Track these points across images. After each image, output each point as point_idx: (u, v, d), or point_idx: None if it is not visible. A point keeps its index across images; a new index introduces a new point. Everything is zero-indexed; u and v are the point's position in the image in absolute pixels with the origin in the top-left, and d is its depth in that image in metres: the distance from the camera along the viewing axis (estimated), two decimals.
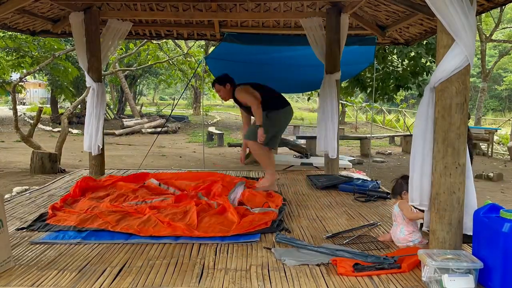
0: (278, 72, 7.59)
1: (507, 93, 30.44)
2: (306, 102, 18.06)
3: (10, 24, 5.90)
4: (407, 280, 2.52)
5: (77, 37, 5.64)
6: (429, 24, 5.52)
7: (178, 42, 20.39)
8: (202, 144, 11.73)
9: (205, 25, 6.60)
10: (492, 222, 2.41)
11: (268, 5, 5.88)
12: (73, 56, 14.24)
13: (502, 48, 25.00)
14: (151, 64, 15.89)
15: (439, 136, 2.71)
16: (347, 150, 13.23)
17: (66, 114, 9.75)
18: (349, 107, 23.97)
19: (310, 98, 12.76)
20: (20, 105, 27.11)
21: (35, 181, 7.00)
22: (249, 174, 6.05)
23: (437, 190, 2.73)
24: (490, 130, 13.47)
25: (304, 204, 4.35)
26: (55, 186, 5.13)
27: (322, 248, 2.91)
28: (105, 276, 2.52)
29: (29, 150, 8.42)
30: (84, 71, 5.74)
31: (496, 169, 10.03)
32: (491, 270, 2.38)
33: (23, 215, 3.78)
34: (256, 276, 2.55)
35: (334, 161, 5.77)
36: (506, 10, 21.20)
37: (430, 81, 2.78)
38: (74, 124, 16.96)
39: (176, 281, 2.47)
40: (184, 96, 31.03)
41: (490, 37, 16.15)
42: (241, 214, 3.70)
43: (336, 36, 5.57)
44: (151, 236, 3.21)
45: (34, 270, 2.59)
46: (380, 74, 9.79)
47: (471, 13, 2.58)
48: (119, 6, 5.87)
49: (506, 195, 7.54)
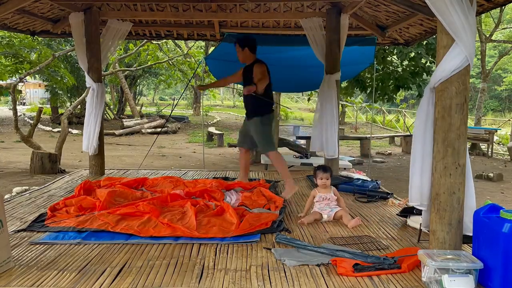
0: (278, 72, 7.56)
1: (507, 93, 30.44)
2: (306, 102, 18.05)
3: (10, 24, 5.91)
4: (407, 280, 2.52)
5: (77, 37, 5.64)
6: (429, 24, 5.52)
7: (178, 43, 20.40)
8: (202, 144, 11.73)
9: (205, 25, 6.61)
10: (492, 222, 2.41)
11: (268, 5, 5.88)
12: (73, 56, 14.24)
13: (502, 48, 25.01)
14: (151, 65, 15.89)
15: (439, 136, 2.71)
16: (347, 151, 13.22)
17: (66, 114, 9.74)
18: (349, 107, 23.96)
19: (310, 98, 12.73)
20: (20, 105, 27.11)
21: (35, 182, 7.00)
22: (249, 174, 6.04)
23: (437, 190, 2.73)
24: (490, 130, 13.46)
25: (304, 204, 4.34)
26: (55, 186, 5.13)
27: (322, 249, 2.91)
28: (105, 276, 2.52)
29: (29, 150, 8.41)
30: (84, 71, 5.75)
31: (496, 169, 10.02)
32: (491, 271, 2.38)
33: (23, 216, 3.78)
34: (256, 276, 2.55)
35: (334, 161, 5.77)
36: (506, 10, 21.21)
37: (430, 82, 2.79)
38: (74, 124, 16.95)
39: (176, 281, 2.47)
40: (184, 96, 31.01)
41: (490, 38, 16.14)
42: (240, 214, 3.70)
43: (336, 36, 5.57)
44: (151, 237, 3.21)
45: (34, 271, 2.59)
46: (380, 75, 9.79)
47: (471, 13, 2.58)
48: (119, 6, 5.87)
49: (506, 195, 7.53)
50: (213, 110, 28.93)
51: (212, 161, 10.37)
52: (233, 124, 21.88)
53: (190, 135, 17.03)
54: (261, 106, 4.57)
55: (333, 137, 5.57)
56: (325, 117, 5.61)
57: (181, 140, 15.39)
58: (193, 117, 23.42)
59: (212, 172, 6.38)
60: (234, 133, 18.18)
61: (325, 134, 5.62)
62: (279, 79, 8.03)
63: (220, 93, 41.22)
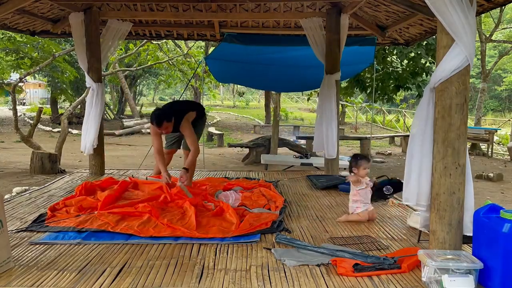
0: (278, 72, 7.59)
1: (507, 93, 30.43)
2: (306, 102, 18.09)
3: (10, 24, 5.91)
4: (407, 280, 2.52)
5: (77, 37, 5.64)
6: (429, 24, 5.52)
7: (178, 43, 20.39)
8: (202, 145, 11.72)
9: (205, 25, 6.60)
10: (492, 222, 2.41)
11: (268, 5, 5.88)
12: (73, 56, 14.24)
13: (502, 48, 25.00)
14: (151, 65, 15.87)
15: (439, 136, 2.71)
16: (347, 151, 13.21)
17: (66, 114, 9.74)
18: (349, 107, 23.95)
19: (310, 98, 12.75)
20: (20, 105, 27.08)
21: (35, 182, 6.99)
22: (249, 174, 6.05)
23: (437, 190, 2.73)
24: (490, 130, 13.46)
25: (304, 204, 4.35)
26: (55, 186, 5.13)
27: (322, 249, 2.91)
28: (105, 276, 2.52)
29: (29, 151, 8.40)
30: (84, 71, 5.74)
31: (496, 170, 10.02)
32: (491, 271, 2.38)
33: (23, 216, 3.78)
34: (256, 276, 2.54)
35: (334, 161, 5.77)
36: (506, 10, 21.18)
37: (430, 82, 2.79)
38: (74, 125, 16.95)
39: (176, 281, 2.47)
40: (184, 96, 31.02)
41: (490, 38, 16.14)
42: (240, 214, 3.70)
43: (336, 36, 5.57)
44: (151, 237, 3.21)
45: (34, 271, 2.58)
46: (380, 75, 9.78)
47: (471, 13, 2.58)
48: (119, 6, 5.87)
49: (506, 195, 7.53)
50: (213, 110, 28.93)
51: (212, 161, 10.36)
52: (233, 124, 21.88)
53: None
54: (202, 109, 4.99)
55: (333, 137, 5.57)
56: (325, 117, 5.61)
57: None
58: None
59: (212, 172, 6.39)
60: (234, 133, 18.19)
61: (325, 134, 5.62)
62: (279, 79, 8.06)
63: (220, 93, 41.24)
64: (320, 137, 5.72)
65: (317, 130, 5.75)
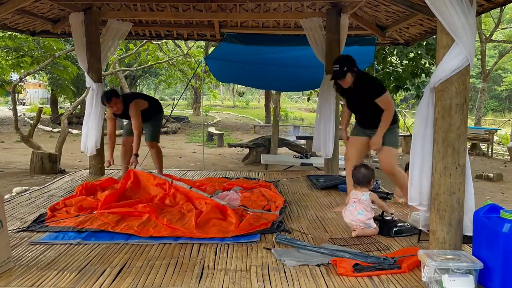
0: (278, 72, 7.58)
1: (507, 93, 30.42)
2: (306, 102, 18.10)
3: (10, 24, 5.91)
4: (407, 280, 2.52)
5: (77, 37, 5.64)
6: (429, 24, 5.52)
7: (178, 43, 20.38)
8: (202, 145, 11.72)
9: (205, 25, 6.60)
10: (492, 222, 2.41)
11: (268, 5, 5.88)
12: (73, 56, 14.23)
13: (502, 48, 24.99)
14: (151, 65, 15.87)
15: (439, 136, 2.71)
16: None
17: (66, 114, 9.74)
18: None
19: (310, 98, 12.73)
20: (20, 105, 27.08)
21: (35, 182, 6.99)
22: (249, 174, 6.05)
23: (437, 190, 2.73)
24: (490, 130, 13.47)
25: (304, 204, 4.35)
26: (55, 186, 5.13)
27: (322, 249, 2.91)
28: (105, 276, 2.52)
29: (29, 151, 8.41)
30: (84, 71, 5.74)
31: (496, 170, 10.02)
32: (491, 271, 2.38)
33: (23, 216, 3.78)
34: (256, 276, 2.54)
35: (334, 161, 5.77)
36: (506, 10, 21.18)
37: (430, 82, 2.79)
38: (74, 125, 16.95)
39: (176, 281, 2.47)
40: (184, 96, 30.98)
41: (490, 38, 16.14)
42: (240, 214, 3.69)
43: (336, 36, 5.57)
44: (151, 237, 3.21)
45: (34, 271, 2.58)
46: (380, 75, 9.78)
47: (471, 13, 2.58)
48: (119, 6, 5.87)
49: (506, 195, 7.53)
50: (213, 110, 28.92)
51: (212, 161, 10.36)
52: (233, 124, 21.87)
53: (190, 135, 17.03)
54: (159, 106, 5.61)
55: (330, 136, 5.57)
56: (323, 116, 5.61)
57: (181, 140, 15.39)
58: (193, 117, 23.42)
59: (212, 172, 6.39)
60: (234, 133, 18.19)
61: (323, 134, 5.62)
62: (279, 79, 8.05)
63: (220, 93, 41.21)
64: (318, 137, 5.72)
65: (317, 130, 5.75)
